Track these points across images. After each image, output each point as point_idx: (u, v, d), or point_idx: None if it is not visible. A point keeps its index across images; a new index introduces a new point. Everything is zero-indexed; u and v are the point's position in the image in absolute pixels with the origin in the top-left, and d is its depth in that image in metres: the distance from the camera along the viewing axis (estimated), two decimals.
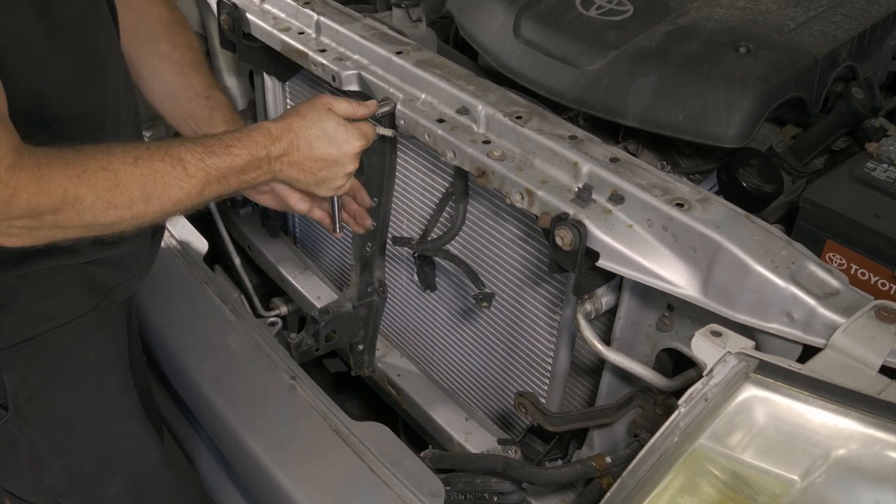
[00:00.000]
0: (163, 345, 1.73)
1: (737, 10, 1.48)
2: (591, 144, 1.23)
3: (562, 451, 1.46)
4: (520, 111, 1.30)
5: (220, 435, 1.57)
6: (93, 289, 1.25)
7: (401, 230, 1.67)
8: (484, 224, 1.47)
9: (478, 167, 1.27)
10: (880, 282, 1.17)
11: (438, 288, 1.64)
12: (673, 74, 1.34)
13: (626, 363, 1.20)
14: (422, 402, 1.72)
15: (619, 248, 1.11)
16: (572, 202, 1.16)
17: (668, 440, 0.91)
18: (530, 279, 1.41)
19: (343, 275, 1.96)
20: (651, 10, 1.48)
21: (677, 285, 1.08)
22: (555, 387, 1.46)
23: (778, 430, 0.87)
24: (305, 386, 1.57)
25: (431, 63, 1.42)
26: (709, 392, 0.89)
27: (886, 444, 0.82)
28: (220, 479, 1.67)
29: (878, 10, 1.50)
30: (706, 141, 1.32)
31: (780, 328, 1.00)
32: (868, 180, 1.22)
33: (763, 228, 1.06)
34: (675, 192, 1.12)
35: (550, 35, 1.46)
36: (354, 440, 1.44)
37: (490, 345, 1.58)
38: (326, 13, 1.60)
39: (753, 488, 0.88)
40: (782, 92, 1.32)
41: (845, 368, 0.91)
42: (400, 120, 1.40)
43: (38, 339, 1.20)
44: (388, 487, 1.37)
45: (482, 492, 1.32)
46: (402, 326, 1.82)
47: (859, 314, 0.95)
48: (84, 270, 1.23)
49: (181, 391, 1.71)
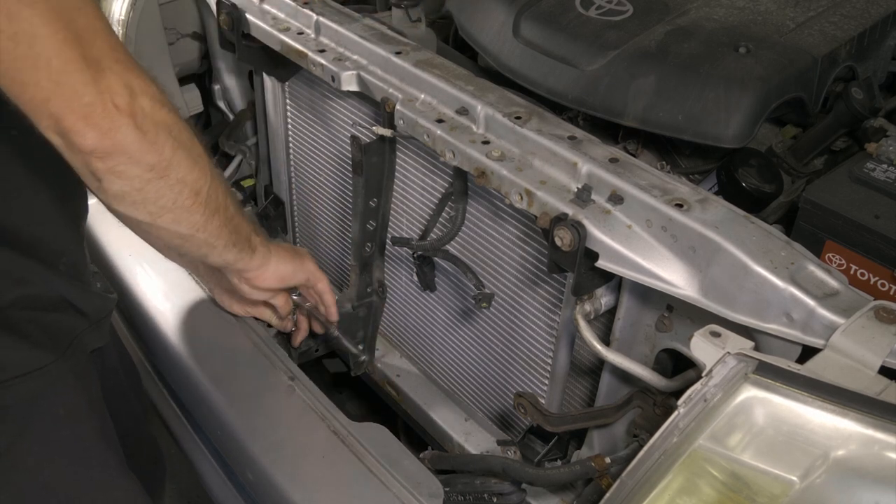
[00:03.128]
0: (161, 345, 1.73)
1: (736, 11, 1.48)
2: (590, 145, 1.23)
3: (561, 452, 1.46)
4: (519, 111, 1.30)
5: (219, 435, 1.57)
6: (54, 338, 1.18)
7: (400, 230, 1.67)
8: (483, 224, 1.47)
9: (477, 167, 1.27)
10: (880, 282, 1.17)
11: (438, 288, 1.64)
12: (672, 74, 1.34)
13: (625, 364, 1.20)
14: (421, 403, 1.72)
15: (619, 248, 1.11)
16: (571, 202, 1.15)
17: (667, 441, 0.90)
18: (530, 279, 1.41)
19: (342, 275, 1.96)
20: (651, 10, 1.48)
21: (676, 286, 1.08)
22: (554, 387, 1.45)
23: (777, 430, 0.87)
24: (304, 387, 1.56)
25: (431, 63, 1.42)
26: (708, 392, 0.89)
27: (886, 444, 0.82)
28: (218, 479, 1.66)
29: (877, 11, 1.50)
30: (706, 141, 1.32)
31: (780, 329, 1.00)
32: (868, 180, 1.22)
33: (762, 229, 1.06)
34: (675, 193, 1.12)
35: (550, 35, 1.46)
36: (353, 441, 1.44)
37: (489, 345, 1.58)
38: (326, 13, 1.60)
39: (753, 489, 0.87)
40: (782, 92, 1.32)
41: (844, 369, 0.91)
42: (399, 120, 1.39)
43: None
44: (386, 488, 1.36)
45: (481, 492, 1.32)
46: (401, 327, 1.82)
47: (859, 315, 0.94)
48: (41, 319, 1.16)
49: (179, 391, 1.71)
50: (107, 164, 0.96)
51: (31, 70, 0.88)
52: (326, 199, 1.88)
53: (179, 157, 1.02)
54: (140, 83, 0.96)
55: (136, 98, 0.95)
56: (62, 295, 1.18)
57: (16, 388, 1.14)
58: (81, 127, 0.92)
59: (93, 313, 1.24)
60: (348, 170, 1.65)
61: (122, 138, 0.95)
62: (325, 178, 1.85)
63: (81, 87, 0.91)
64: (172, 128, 1.01)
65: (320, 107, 1.75)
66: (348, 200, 1.78)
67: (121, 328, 1.88)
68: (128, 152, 0.96)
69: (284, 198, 2.02)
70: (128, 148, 0.96)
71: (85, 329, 1.23)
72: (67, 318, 1.20)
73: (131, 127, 0.95)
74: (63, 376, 1.20)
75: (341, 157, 1.75)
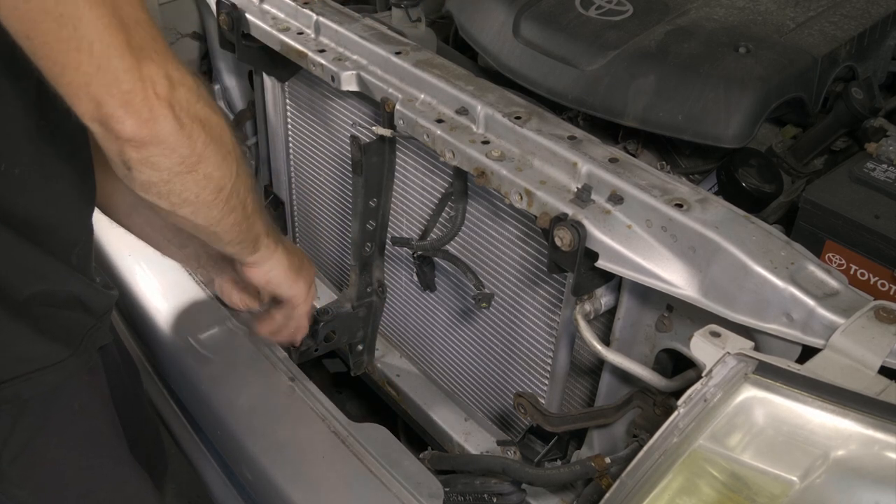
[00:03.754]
0: (161, 345, 1.73)
1: (736, 10, 1.48)
2: (590, 145, 1.22)
3: (561, 452, 1.46)
4: (519, 111, 1.30)
5: (219, 435, 1.57)
6: (69, 334, 1.20)
7: (400, 230, 1.67)
8: (483, 224, 1.47)
9: (477, 167, 1.26)
10: (880, 282, 1.17)
11: (438, 288, 1.64)
12: (672, 74, 1.34)
13: (625, 364, 1.20)
14: (421, 403, 1.72)
15: (619, 248, 1.10)
16: (571, 202, 1.15)
17: (667, 441, 0.90)
18: (530, 279, 1.41)
19: (342, 275, 1.96)
20: (651, 10, 1.48)
21: (676, 286, 1.08)
22: (554, 387, 1.45)
23: (777, 430, 0.87)
24: (304, 387, 1.57)
25: (430, 63, 1.42)
26: (708, 393, 0.89)
27: (886, 444, 0.82)
28: (219, 480, 1.66)
29: (877, 11, 1.50)
30: (706, 141, 1.32)
31: (780, 329, 1.00)
32: (868, 180, 1.22)
33: (762, 229, 1.06)
34: (675, 193, 1.12)
35: (550, 35, 1.46)
36: (353, 441, 1.44)
37: (489, 345, 1.58)
38: (325, 13, 1.60)
39: (752, 489, 0.87)
40: (782, 92, 1.32)
41: (844, 369, 0.91)
42: (399, 120, 1.39)
43: (14, 383, 1.13)
44: (386, 489, 1.37)
45: (481, 493, 1.32)
46: (401, 327, 1.82)
47: (858, 315, 0.94)
48: (57, 315, 1.18)
49: (179, 391, 1.71)
50: (141, 154, 0.96)
51: (73, 52, 0.88)
52: (326, 199, 1.88)
53: (210, 152, 1.02)
54: (179, 74, 0.96)
55: (175, 89, 0.95)
56: (73, 292, 1.19)
57: (36, 382, 1.15)
58: (121, 114, 0.91)
59: (97, 310, 1.25)
60: (348, 170, 1.65)
61: (159, 128, 0.94)
62: (324, 178, 1.85)
63: (122, 74, 0.90)
64: (206, 122, 1.00)
65: (320, 107, 1.75)
66: (348, 200, 1.78)
67: (121, 328, 1.88)
68: (164, 143, 0.96)
69: (284, 198, 2.02)
70: (165, 139, 0.95)
71: (92, 326, 1.24)
72: (78, 314, 1.21)
73: (170, 118, 0.95)
74: (78, 371, 1.22)
75: (341, 157, 1.75)
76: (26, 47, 0.88)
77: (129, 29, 0.91)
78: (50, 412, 1.20)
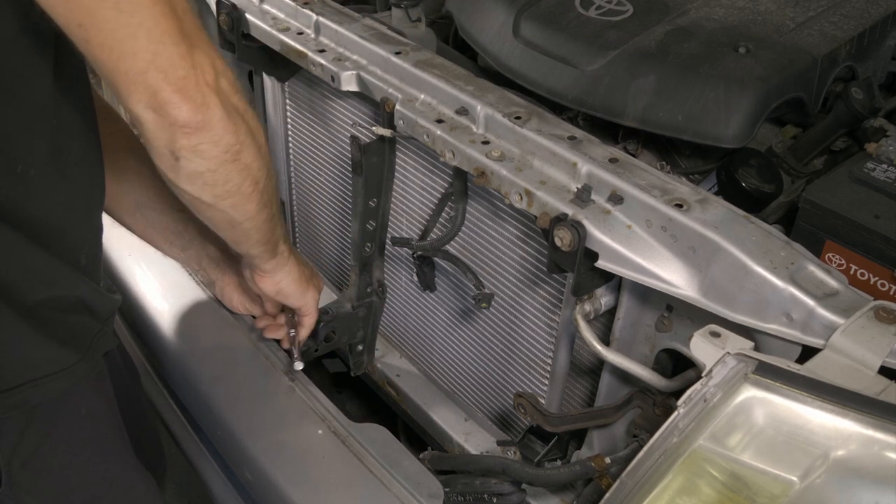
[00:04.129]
0: (161, 346, 1.73)
1: (736, 10, 1.48)
2: (590, 145, 1.22)
3: (561, 452, 1.46)
4: (519, 111, 1.30)
5: (219, 435, 1.57)
6: (77, 339, 1.20)
7: (400, 230, 1.67)
8: (483, 224, 1.47)
9: (477, 167, 1.27)
10: (880, 282, 1.17)
11: (438, 288, 1.64)
12: (672, 74, 1.34)
13: (625, 364, 1.20)
14: (421, 403, 1.72)
15: (618, 248, 1.10)
16: (571, 203, 1.15)
17: (667, 441, 0.90)
18: (529, 280, 1.41)
19: (342, 275, 1.96)
20: (650, 10, 1.48)
21: (676, 286, 1.08)
22: (554, 387, 1.45)
23: (777, 430, 0.87)
24: (304, 387, 1.57)
25: (430, 63, 1.42)
26: (708, 393, 0.89)
27: (886, 444, 0.82)
28: (219, 480, 1.66)
29: (877, 11, 1.50)
30: (706, 141, 1.32)
31: (779, 329, 1.00)
32: (867, 180, 1.22)
33: (762, 229, 1.06)
34: (674, 193, 1.12)
35: (550, 35, 1.46)
36: (353, 441, 1.44)
37: (489, 345, 1.58)
38: (325, 13, 1.60)
39: (752, 489, 0.87)
40: (782, 92, 1.32)
41: (844, 369, 0.91)
42: (399, 120, 1.39)
43: (23, 389, 1.13)
44: (386, 489, 1.37)
45: (481, 493, 1.32)
46: (401, 327, 1.82)
47: (858, 315, 0.94)
48: (65, 320, 1.18)
49: (179, 392, 1.71)
50: (191, 142, 0.97)
51: (131, 40, 0.89)
52: (326, 199, 1.88)
53: (248, 142, 1.04)
54: (221, 65, 0.99)
55: (219, 78, 0.97)
56: (80, 296, 1.19)
57: (44, 388, 1.15)
58: (178, 99, 0.93)
59: (102, 314, 1.25)
60: (348, 170, 1.65)
61: (211, 115, 0.96)
62: (324, 179, 1.85)
63: (178, 60, 0.92)
64: (244, 113, 1.03)
65: (320, 107, 1.75)
66: (348, 200, 1.78)
67: (121, 328, 1.88)
68: (214, 129, 0.98)
69: (284, 198, 2.02)
70: (215, 125, 0.97)
71: (98, 331, 1.24)
72: (84, 319, 1.21)
73: (219, 105, 0.97)
74: (86, 377, 1.21)
75: (341, 158, 1.75)
76: (77, 35, 0.89)
77: (180, 16, 0.93)
78: (57, 418, 1.20)
